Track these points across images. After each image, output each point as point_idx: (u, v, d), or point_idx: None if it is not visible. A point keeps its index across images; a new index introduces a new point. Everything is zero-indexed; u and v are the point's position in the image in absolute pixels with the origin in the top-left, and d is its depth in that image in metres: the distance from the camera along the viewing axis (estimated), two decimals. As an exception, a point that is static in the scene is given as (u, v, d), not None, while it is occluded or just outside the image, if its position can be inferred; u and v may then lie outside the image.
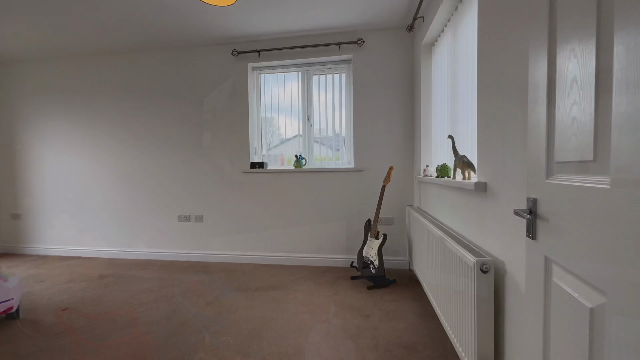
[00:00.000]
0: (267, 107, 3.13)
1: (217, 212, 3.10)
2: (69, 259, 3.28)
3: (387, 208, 2.82)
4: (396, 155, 2.79)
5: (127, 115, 3.22)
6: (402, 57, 2.74)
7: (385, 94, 2.78)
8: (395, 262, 2.82)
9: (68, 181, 3.38)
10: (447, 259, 1.46)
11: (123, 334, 1.75)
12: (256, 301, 2.16)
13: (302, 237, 2.96)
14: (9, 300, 1.86)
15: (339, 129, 2.98)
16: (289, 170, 2.94)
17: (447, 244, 1.45)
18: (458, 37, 1.80)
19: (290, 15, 2.49)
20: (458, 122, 1.81)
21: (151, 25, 2.62)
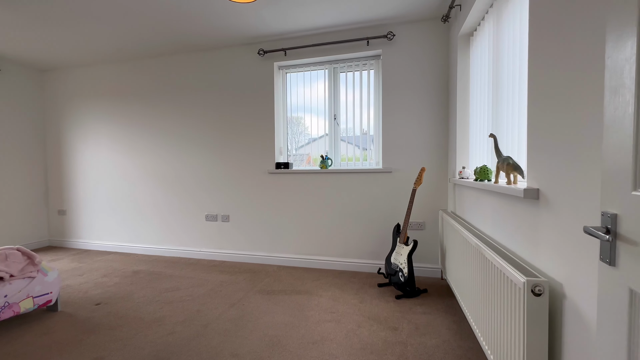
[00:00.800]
0: (293, 107, 3.07)
1: (243, 212, 3.10)
2: (106, 253, 3.45)
3: (418, 212, 2.65)
4: (428, 156, 2.61)
5: (159, 117, 3.33)
6: (435, 50, 2.55)
7: (417, 90, 2.60)
8: (426, 270, 2.64)
9: (106, 180, 3.56)
10: (488, 273, 1.30)
11: (149, 333, 1.76)
12: (279, 305, 2.11)
13: (327, 240, 2.88)
14: (48, 294, 1.96)
15: (367, 127, 2.84)
16: (314, 170, 2.86)
17: (488, 257, 1.28)
18: (502, 23, 1.61)
19: (316, 10, 2.40)
20: (501, 119, 1.61)
21: (181, 28, 2.66)
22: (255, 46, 2.98)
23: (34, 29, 2.66)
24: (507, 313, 1.08)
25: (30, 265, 1.95)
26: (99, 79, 3.52)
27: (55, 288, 2.01)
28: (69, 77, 3.64)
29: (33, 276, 1.90)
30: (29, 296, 1.86)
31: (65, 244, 3.77)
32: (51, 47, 3.06)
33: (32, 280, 1.89)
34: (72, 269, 2.93)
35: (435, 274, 2.63)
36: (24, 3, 2.26)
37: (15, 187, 3.52)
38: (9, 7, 2.31)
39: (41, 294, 1.92)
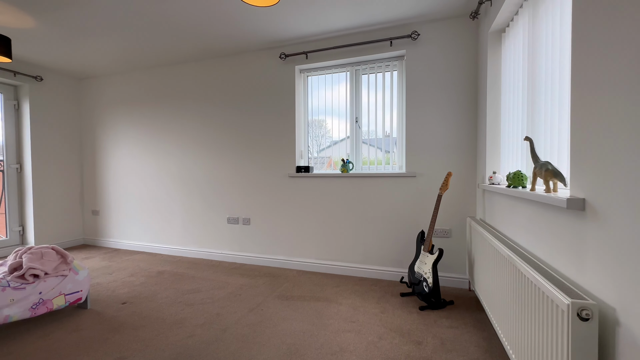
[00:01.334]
0: (314, 109, 3.05)
1: (264, 216, 3.10)
2: (135, 253, 3.59)
3: (444, 218, 2.52)
4: (455, 160, 2.48)
5: (184, 122, 3.42)
6: (463, 48, 2.43)
7: (443, 91, 2.49)
8: (452, 280, 2.50)
9: (135, 182, 3.71)
10: (524, 289, 1.18)
11: (169, 335, 1.79)
12: (297, 312, 2.07)
13: (347, 246, 2.81)
14: (79, 292, 2.05)
15: (390, 130, 2.76)
16: (335, 174, 2.81)
17: (524, 272, 1.17)
18: (539, 17, 1.48)
19: (338, 12, 2.37)
20: (538, 121, 1.48)
21: (205, 35, 2.72)
22: (277, 50, 2.99)
23: (72, 41, 2.83)
24: (548, 336, 0.97)
25: (63, 264, 2.04)
26: (129, 86, 3.69)
27: (85, 286, 2.10)
28: (103, 84, 3.84)
29: (65, 274, 2.00)
30: (61, 294, 1.95)
31: (98, 243, 3.97)
32: (87, 57, 3.24)
33: (65, 279, 1.99)
34: (103, 267, 3.06)
35: (462, 284, 2.48)
36: (65, 17, 2.40)
37: (55, 188, 3.75)
38: (51, 22, 2.47)
39: (72, 291, 2.01)
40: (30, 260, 1.90)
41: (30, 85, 3.48)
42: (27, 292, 1.79)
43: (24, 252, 1.99)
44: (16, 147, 3.54)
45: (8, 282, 1.76)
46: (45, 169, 3.65)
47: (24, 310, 1.76)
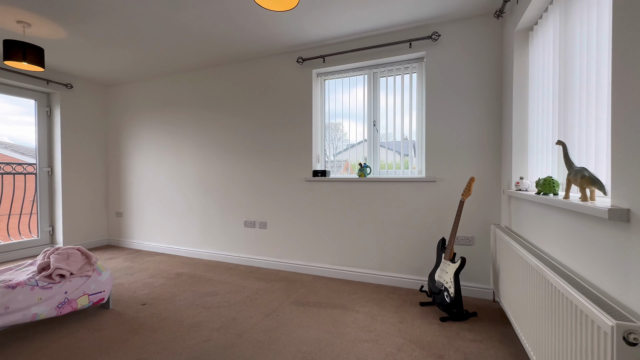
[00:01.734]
0: (331, 113, 3.02)
1: (280, 220, 3.10)
2: (155, 254, 3.68)
3: (466, 225, 2.42)
4: (477, 165, 2.38)
5: (203, 126, 3.49)
6: (486, 48, 2.33)
7: (465, 93, 2.40)
8: (474, 291, 2.39)
9: (156, 185, 3.81)
10: (557, 305, 1.10)
11: (186, 338, 1.80)
12: (313, 319, 2.04)
13: (365, 252, 2.75)
14: (101, 292, 2.11)
15: (409, 133, 2.69)
16: (352, 179, 2.77)
17: (558, 286, 1.08)
18: (572, 13, 1.39)
19: (356, 15, 2.34)
20: (571, 124, 1.39)
21: (223, 41, 2.76)
22: (294, 54, 2.99)
23: (100, 50, 2.95)
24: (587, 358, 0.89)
25: (87, 265, 2.11)
26: (151, 93, 3.81)
27: (108, 287, 2.15)
28: (127, 91, 3.99)
29: (89, 275, 2.06)
30: (85, 294, 2.01)
31: (121, 244, 4.10)
32: (113, 65, 3.37)
33: (89, 279, 2.05)
34: (125, 267, 3.15)
35: (486, 295, 2.36)
36: (93, 28, 2.50)
37: (82, 190, 3.91)
38: (81, 32, 2.58)
39: (95, 292, 2.07)
40: (57, 260, 1.98)
41: (62, 93, 3.66)
42: (53, 291, 1.86)
43: (51, 252, 2.07)
44: (48, 151, 3.73)
45: (37, 282, 1.83)
46: (73, 172, 3.81)
47: (50, 309, 1.82)
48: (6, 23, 2.45)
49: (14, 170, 3.49)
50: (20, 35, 2.66)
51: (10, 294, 1.69)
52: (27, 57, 2.41)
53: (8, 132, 3.52)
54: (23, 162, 3.60)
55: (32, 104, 3.62)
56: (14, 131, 3.56)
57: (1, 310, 1.62)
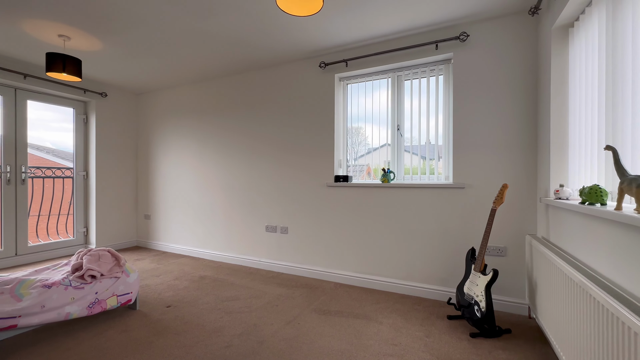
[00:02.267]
0: (353, 117, 2.98)
1: (301, 225, 3.08)
2: (180, 256, 3.77)
3: (498, 235, 2.28)
4: (510, 170, 2.24)
5: (227, 132, 3.56)
6: (519, 48, 2.21)
7: (496, 95, 2.28)
8: (507, 305, 2.24)
9: (182, 188, 3.93)
10: (609, 329, 0.98)
11: (209, 343, 1.80)
12: (335, 328, 1.98)
13: (388, 260, 2.66)
14: (129, 293, 2.17)
15: (435, 137, 2.59)
16: (375, 184, 2.70)
17: (610, 307, 0.97)
18: (621, 7, 1.27)
19: (379, 17, 2.29)
20: (623, 128, 1.26)
21: (247, 48, 2.81)
22: (317, 59, 2.99)
23: (132, 59, 3.09)
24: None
25: (116, 266, 2.18)
26: (178, 99, 3.94)
27: (135, 288, 2.22)
28: (156, 98, 4.16)
29: (118, 276, 2.13)
30: (114, 294, 2.07)
31: (148, 245, 4.25)
32: (144, 74, 3.53)
33: (117, 280, 2.12)
34: (151, 269, 3.25)
35: (520, 310, 2.20)
36: (127, 39, 2.63)
37: (114, 194, 4.10)
38: (115, 43, 2.72)
39: (124, 293, 2.13)
40: (89, 262, 2.06)
41: (97, 101, 3.88)
42: (85, 291, 1.93)
43: (84, 253, 2.16)
44: (84, 156, 3.95)
45: (70, 282, 1.91)
46: (106, 176, 4.01)
47: (82, 308, 1.89)
48: (49, 37, 2.62)
49: (53, 175, 3.72)
50: (60, 48, 2.85)
51: (46, 293, 1.77)
52: (66, 68, 2.57)
53: (51, 138, 3.77)
54: (63, 167, 3.83)
55: (71, 112, 3.86)
56: (56, 137, 3.81)
57: (37, 309, 1.70)
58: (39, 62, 3.22)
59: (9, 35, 2.61)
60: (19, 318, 1.63)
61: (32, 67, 3.30)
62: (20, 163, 3.37)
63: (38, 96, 3.50)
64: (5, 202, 3.28)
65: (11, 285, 1.75)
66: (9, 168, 3.30)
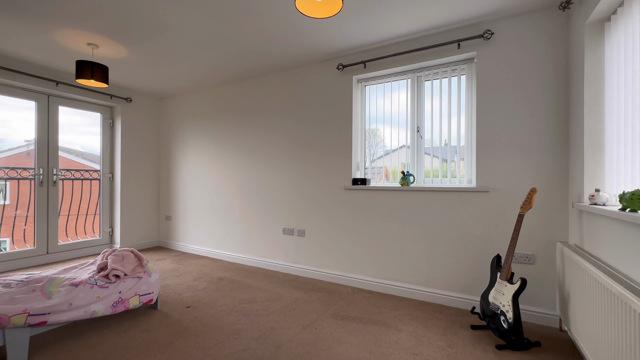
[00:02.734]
0: (371, 119, 2.94)
1: (318, 228, 3.06)
2: (199, 257, 3.84)
3: (526, 242, 2.16)
4: (539, 174, 2.13)
5: (244, 135, 3.60)
6: (548, 45, 2.10)
7: (523, 94, 2.17)
8: (536, 316, 2.12)
9: (201, 191, 4.00)
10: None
11: (226, 346, 1.81)
12: (353, 335, 1.94)
13: (407, 266, 2.59)
14: (151, 293, 2.22)
15: (457, 139, 2.50)
16: (394, 188, 2.64)
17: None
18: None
19: (399, 17, 2.24)
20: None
21: (266, 51, 2.83)
22: (335, 61, 2.97)
23: (155, 66, 3.19)
24: None
25: (139, 267, 2.24)
26: (198, 103, 4.04)
27: (156, 288, 2.26)
28: (177, 102, 4.28)
29: (140, 276, 2.18)
30: (137, 294, 2.12)
31: (169, 246, 4.36)
32: (166, 79, 3.63)
33: (140, 280, 2.17)
34: (172, 269, 3.32)
35: (550, 322, 2.08)
36: (151, 46, 2.71)
37: (137, 195, 4.24)
38: (140, 51, 2.82)
39: (145, 292, 2.18)
40: (114, 261, 2.12)
41: (122, 106, 4.03)
42: (109, 290, 1.99)
43: (109, 253, 2.23)
44: (110, 159, 4.11)
45: (96, 281, 1.97)
46: (130, 178, 4.15)
47: (106, 307, 1.95)
48: (79, 46, 2.75)
49: (82, 177, 3.89)
50: (89, 56, 2.98)
51: (73, 291, 1.84)
52: (94, 75, 2.68)
53: (80, 141, 3.95)
54: (90, 169, 4.00)
55: (99, 117, 4.03)
56: (84, 140, 3.99)
57: (65, 307, 1.77)
58: (70, 70, 3.38)
59: (43, 45, 2.75)
60: (48, 315, 1.70)
61: (63, 75, 3.47)
62: (52, 165, 3.55)
63: (68, 102, 3.68)
64: (38, 203, 3.46)
65: (42, 283, 1.83)
66: (41, 170, 3.48)
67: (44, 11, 2.21)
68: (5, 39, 2.65)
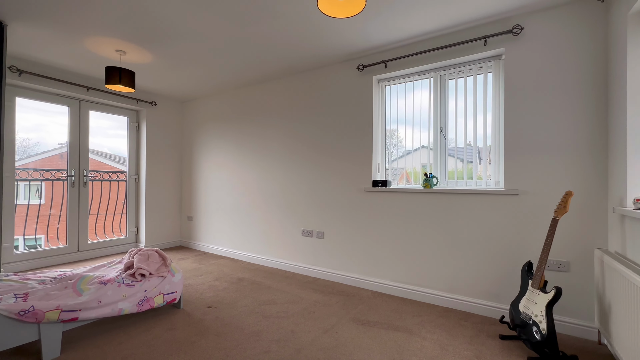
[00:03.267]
0: (392, 120, 2.88)
1: (338, 230, 3.02)
2: (219, 257, 3.91)
3: (560, 248, 2.04)
4: (574, 175, 2.00)
5: (263, 136, 3.63)
6: (585, 39, 1.97)
7: (557, 92, 2.05)
8: (571, 328, 1.99)
9: (221, 192, 4.07)
10: None
11: (247, 347, 1.81)
12: (375, 341, 1.89)
13: (430, 270, 2.51)
14: (174, 293, 2.27)
15: (482, 139, 2.40)
16: (416, 190, 2.57)
17: None
18: None
19: (422, 15, 2.18)
20: None
21: (286, 53, 2.83)
22: (355, 62, 2.93)
23: (178, 70, 3.28)
24: None
25: (163, 266, 2.29)
26: (219, 106, 4.11)
27: (179, 288, 2.31)
28: (199, 105, 4.38)
29: (164, 276, 2.23)
30: (161, 293, 2.17)
31: (191, 245, 4.47)
32: (188, 83, 3.72)
33: (164, 279, 2.22)
34: (193, 269, 3.39)
35: (587, 334, 1.94)
36: (174, 51, 2.79)
37: (161, 196, 4.38)
38: (164, 56, 2.90)
39: (169, 292, 2.23)
40: (140, 261, 2.18)
41: (147, 110, 4.17)
42: (135, 289, 2.05)
43: (135, 252, 2.30)
44: (135, 160, 4.26)
45: (123, 279, 2.03)
46: (154, 179, 4.29)
47: (132, 305, 2.01)
48: (108, 52, 2.86)
49: (110, 178, 4.06)
50: (117, 62, 3.10)
51: (102, 289, 1.90)
52: (122, 80, 2.78)
53: (107, 144, 4.12)
54: (118, 171, 4.17)
55: (124, 120, 4.19)
56: (111, 143, 4.16)
57: (95, 304, 1.83)
58: (99, 75, 3.53)
59: (75, 53, 2.89)
60: (79, 312, 1.77)
61: (93, 80, 3.63)
62: (82, 167, 3.72)
63: (98, 106, 3.85)
64: (70, 203, 3.63)
65: (73, 281, 1.90)
66: (73, 172, 3.65)
67: (76, 21, 2.32)
68: (42, 49, 2.81)
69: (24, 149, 3.50)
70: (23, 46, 2.77)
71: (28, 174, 3.36)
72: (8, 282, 1.86)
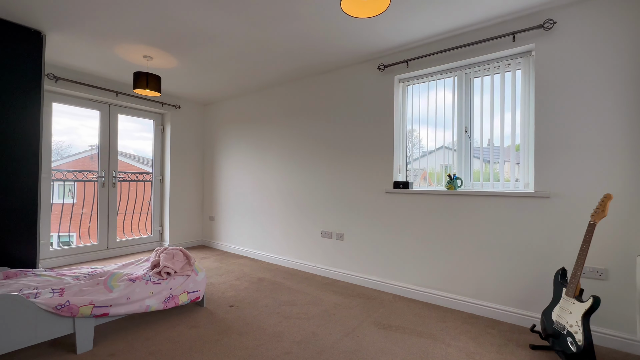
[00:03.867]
0: (414, 120, 2.82)
1: (358, 232, 3.00)
2: (240, 257, 3.97)
3: (596, 254, 1.92)
4: (614, 178, 1.88)
5: (284, 138, 3.65)
6: (624, 33, 1.85)
7: (593, 89, 1.94)
8: (609, 340, 1.86)
9: (241, 192, 4.14)
10: None
11: (269, 347, 1.82)
12: (398, 346, 1.85)
13: (454, 275, 2.43)
14: (198, 291, 2.32)
15: (511, 140, 2.30)
16: (439, 191, 2.50)
17: None
18: None
19: (445, 12, 2.12)
20: None
21: (305, 55, 2.84)
22: (375, 62, 2.90)
23: (201, 74, 3.37)
24: None
25: (187, 265, 2.35)
26: (239, 108, 4.18)
27: (203, 286, 2.36)
28: (220, 108, 4.48)
29: (189, 274, 2.29)
30: (185, 291, 2.23)
31: (212, 245, 4.57)
32: (211, 86, 3.82)
33: (188, 278, 2.27)
34: (215, 268, 3.46)
35: (629, 348, 1.82)
36: (198, 56, 2.87)
37: (184, 196, 4.50)
38: (189, 60, 2.99)
39: (193, 290, 2.29)
40: (165, 259, 2.25)
41: (171, 113, 4.31)
42: (162, 287, 2.11)
43: (161, 251, 2.37)
44: (160, 162, 4.41)
45: (149, 277, 2.10)
46: (178, 180, 4.42)
47: (159, 302, 2.07)
48: (136, 58, 2.98)
49: (137, 179, 4.22)
50: (144, 67, 3.22)
51: (131, 286, 1.97)
52: (149, 85, 2.88)
53: (134, 146, 4.29)
54: (144, 172, 4.33)
55: (151, 123, 4.34)
56: (137, 145, 4.33)
57: (124, 300, 1.90)
58: (127, 80, 3.69)
59: (105, 59, 3.03)
60: (110, 307, 1.84)
61: (121, 85, 3.79)
62: (112, 168, 3.89)
63: (126, 110, 4.02)
64: (100, 203, 3.81)
65: (104, 277, 1.99)
66: (103, 173, 3.82)
67: (108, 29, 2.42)
68: (76, 56, 2.96)
69: (58, 151, 3.70)
70: (59, 54, 2.93)
71: (62, 174, 3.55)
72: (46, 277, 1.97)
